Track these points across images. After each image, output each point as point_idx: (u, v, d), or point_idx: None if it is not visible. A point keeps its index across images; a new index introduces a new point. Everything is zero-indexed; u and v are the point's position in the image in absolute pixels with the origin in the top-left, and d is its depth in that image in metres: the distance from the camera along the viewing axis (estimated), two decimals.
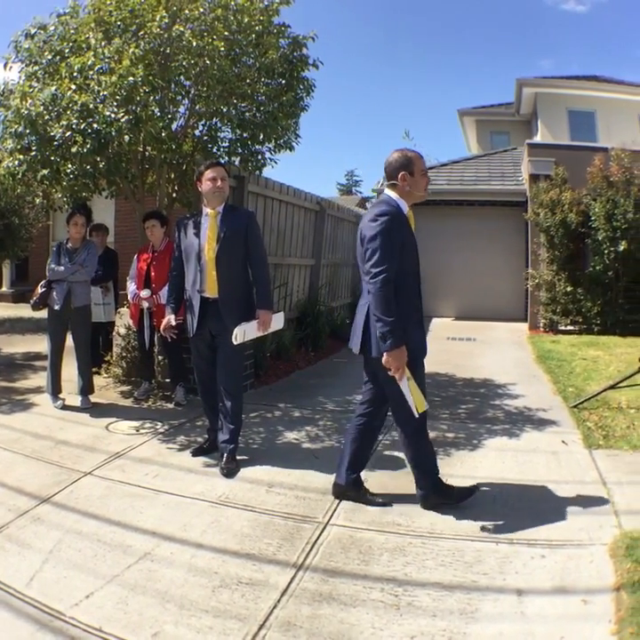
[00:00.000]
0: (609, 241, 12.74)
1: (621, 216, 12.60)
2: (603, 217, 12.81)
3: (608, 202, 12.88)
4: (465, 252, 16.45)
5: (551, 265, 13.80)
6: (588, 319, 13.35)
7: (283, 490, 4.56)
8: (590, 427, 6.16)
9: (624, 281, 13.08)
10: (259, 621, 2.97)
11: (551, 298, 13.73)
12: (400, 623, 2.99)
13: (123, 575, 3.36)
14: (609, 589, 3.21)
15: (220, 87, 6.70)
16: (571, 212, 13.24)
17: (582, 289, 13.41)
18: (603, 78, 21.42)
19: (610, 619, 2.95)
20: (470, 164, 18.74)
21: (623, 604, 3.03)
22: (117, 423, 6.21)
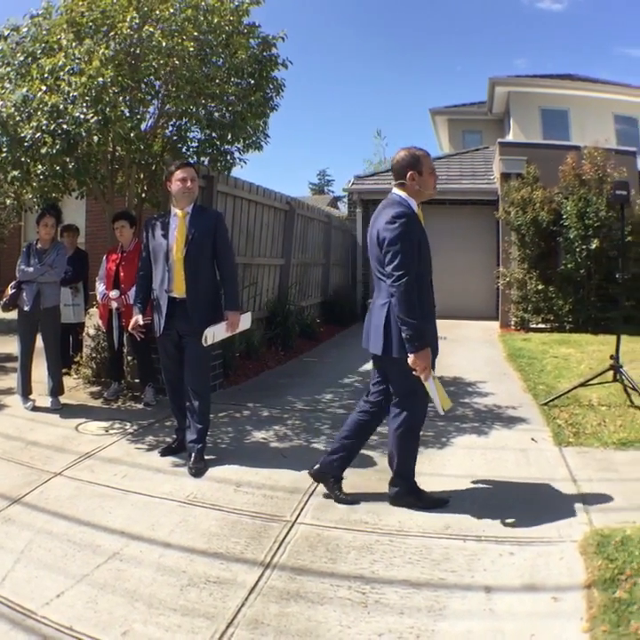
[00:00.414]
0: (581, 239, 12.88)
1: (594, 214, 12.74)
2: (575, 215, 12.95)
3: (580, 200, 13.02)
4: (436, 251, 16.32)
5: (522, 263, 13.93)
6: (560, 317, 13.49)
7: (251, 489, 4.60)
8: (560, 424, 6.22)
9: (596, 279, 13.21)
10: (227, 620, 3.00)
11: (522, 296, 13.86)
12: (368, 621, 3.02)
13: (92, 575, 3.39)
14: (580, 587, 3.25)
15: (189, 87, 6.72)
16: (542, 210, 13.37)
17: (554, 287, 13.53)
18: (577, 77, 21.59)
19: (581, 616, 2.98)
20: (442, 162, 18.80)
21: (595, 601, 3.06)
22: (87, 424, 6.21)
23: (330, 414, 6.75)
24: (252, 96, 7.38)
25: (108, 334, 7.32)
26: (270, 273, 11.33)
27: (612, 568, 3.32)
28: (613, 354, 7.12)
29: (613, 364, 7.08)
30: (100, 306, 7.28)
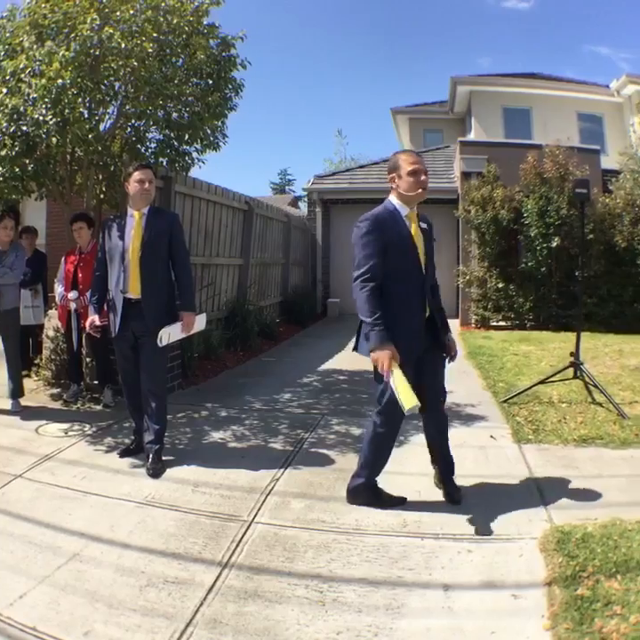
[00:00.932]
0: (542, 237, 13.08)
1: (555, 212, 12.95)
2: (535, 213, 13.14)
3: (541, 198, 13.21)
4: None
5: (482, 262, 14.11)
6: (521, 315, 13.69)
7: (208, 489, 4.65)
8: (520, 421, 6.30)
9: (557, 277, 13.42)
10: (186, 619, 3.03)
11: (482, 294, 14.03)
12: (325, 619, 3.04)
13: (53, 576, 3.42)
14: (540, 584, 3.28)
15: (147, 88, 6.72)
16: (502, 208, 13.54)
17: (514, 285, 13.72)
18: (541, 76, 21.84)
19: (542, 614, 3.01)
20: None
21: (556, 598, 3.08)
22: (47, 426, 6.20)
23: (288, 414, 6.81)
24: (210, 96, 7.41)
25: (67, 336, 7.32)
26: (229, 273, 11.35)
27: (573, 565, 3.35)
28: (574, 351, 7.23)
29: (574, 361, 7.19)
30: (59, 307, 7.27)
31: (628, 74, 19.04)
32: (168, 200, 8.56)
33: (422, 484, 4.73)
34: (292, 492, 4.64)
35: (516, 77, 21.17)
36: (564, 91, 20.26)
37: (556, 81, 21.42)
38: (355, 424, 6.38)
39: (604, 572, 3.29)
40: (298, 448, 5.66)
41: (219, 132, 7.80)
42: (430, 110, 24.69)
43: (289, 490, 4.68)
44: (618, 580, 3.21)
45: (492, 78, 21.09)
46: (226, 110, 7.74)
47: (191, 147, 7.74)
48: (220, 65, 7.50)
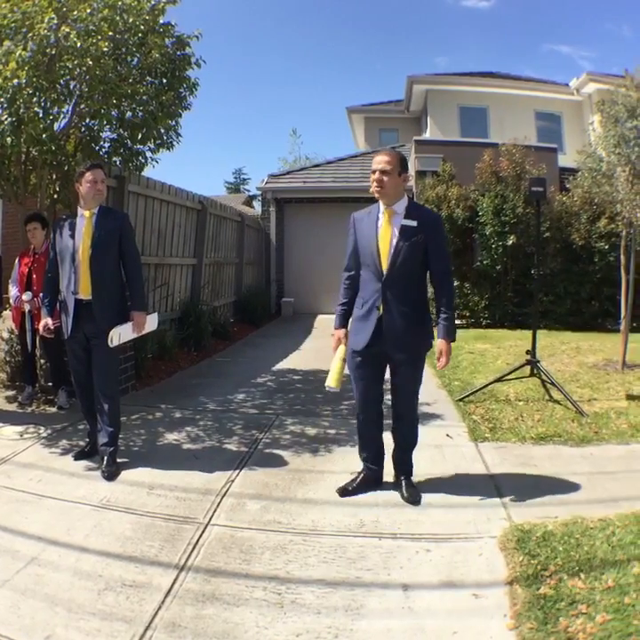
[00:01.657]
0: (497, 235, 13.26)
1: (510, 211, 13.15)
2: (491, 212, 13.31)
3: (497, 197, 13.38)
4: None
5: None
6: (476, 313, 13.83)
7: (163, 491, 4.66)
8: (476, 420, 6.38)
9: (513, 275, 13.62)
10: (144, 623, 3.04)
11: None
12: (285, 621, 3.06)
13: (13, 580, 3.41)
14: (501, 583, 3.30)
15: (102, 87, 6.68)
16: (458, 207, 13.70)
17: (469, 283, 13.88)
18: (498, 74, 22.08)
19: (505, 613, 3.04)
20: (357, 161, 18.99)
21: (518, 598, 3.11)
22: (2, 428, 6.15)
23: (242, 414, 6.84)
24: (164, 95, 7.38)
25: (20, 337, 7.27)
26: (182, 273, 11.33)
27: (534, 564, 3.40)
28: (530, 349, 7.37)
29: (530, 358, 7.31)
30: (13, 309, 7.22)
31: (589, 72, 19.28)
32: (121, 200, 8.53)
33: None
34: (248, 494, 4.66)
35: (474, 76, 21.40)
36: (521, 89, 20.50)
37: (514, 80, 21.65)
38: (310, 424, 6.43)
39: (566, 570, 3.33)
40: (252, 449, 5.68)
41: (173, 132, 7.77)
42: (386, 109, 24.83)
43: (244, 491, 4.71)
44: (582, 578, 3.24)
45: (448, 77, 21.29)
46: (180, 109, 7.72)
47: (145, 146, 7.71)
48: (175, 64, 7.47)
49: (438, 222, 4.58)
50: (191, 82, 7.71)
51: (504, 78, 21.73)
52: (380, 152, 4.59)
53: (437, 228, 4.53)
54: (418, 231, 4.37)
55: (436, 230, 4.48)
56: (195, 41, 7.60)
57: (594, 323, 13.43)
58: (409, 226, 4.38)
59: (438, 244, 4.46)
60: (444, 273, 4.55)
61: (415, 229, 4.37)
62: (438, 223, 4.58)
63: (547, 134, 19.60)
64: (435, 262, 4.46)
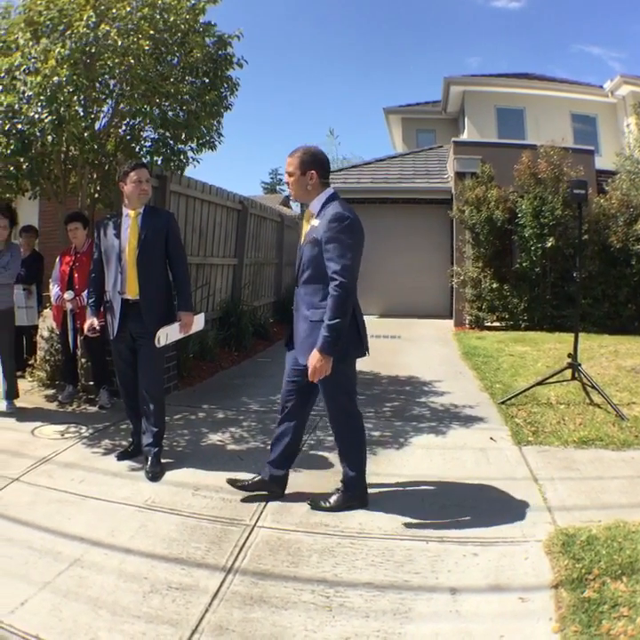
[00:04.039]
0: (536, 237, 13.07)
1: (549, 213, 12.95)
2: (530, 214, 13.13)
3: (536, 199, 13.20)
4: (390, 250, 16.62)
5: (477, 262, 14.08)
6: (515, 315, 13.66)
7: (209, 492, 4.60)
8: (519, 423, 6.28)
9: (552, 277, 13.43)
10: (191, 626, 2.99)
11: (477, 294, 14.01)
12: (333, 625, 3.02)
13: (55, 582, 3.36)
14: (547, 587, 3.27)
15: (143, 86, 6.67)
16: (497, 209, 13.54)
17: (509, 285, 13.70)
18: (534, 76, 21.83)
19: (550, 616, 3.00)
20: (395, 162, 18.96)
21: (563, 601, 3.08)
22: (43, 428, 6.13)
23: None
24: (207, 95, 7.36)
25: (62, 336, 7.25)
26: (223, 273, 11.29)
27: (579, 568, 3.35)
28: (571, 352, 7.20)
29: (571, 362, 7.15)
30: (55, 308, 7.21)
31: (623, 74, 19.05)
32: (163, 199, 8.51)
33: (426, 487, 4.73)
34: (294, 496, 4.58)
35: (510, 77, 21.17)
36: (557, 91, 20.27)
37: (550, 81, 21.44)
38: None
39: (609, 574, 3.28)
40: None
41: (214, 132, 7.76)
42: (423, 110, 24.68)
43: (291, 493, 4.62)
44: (624, 581, 3.21)
45: (485, 78, 21.08)
46: (221, 109, 7.70)
47: (186, 146, 7.68)
48: (217, 63, 7.46)
49: (331, 221, 4.08)
50: (232, 82, 7.70)
51: (539, 79, 21.52)
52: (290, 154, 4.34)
53: (327, 226, 4.06)
54: (318, 231, 4.13)
55: (324, 229, 4.08)
56: (235, 41, 7.56)
57: (631, 326, 13.20)
58: (313, 226, 4.21)
59: (330, 243, 4.04)
60: (333, 272, 4.01)
61: (317, 229, 4.14)
62: (331, 222, 4.05)
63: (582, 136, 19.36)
64: (329, 262, 4.05)
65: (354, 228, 4.08)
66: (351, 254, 4.00)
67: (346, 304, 3.98)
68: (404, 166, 18.28)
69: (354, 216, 4.11)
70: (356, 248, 4.07)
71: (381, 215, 16.73)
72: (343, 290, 3.95)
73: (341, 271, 3.96)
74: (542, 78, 21.74)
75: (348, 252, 3.99)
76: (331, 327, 3.95)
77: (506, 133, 19.51)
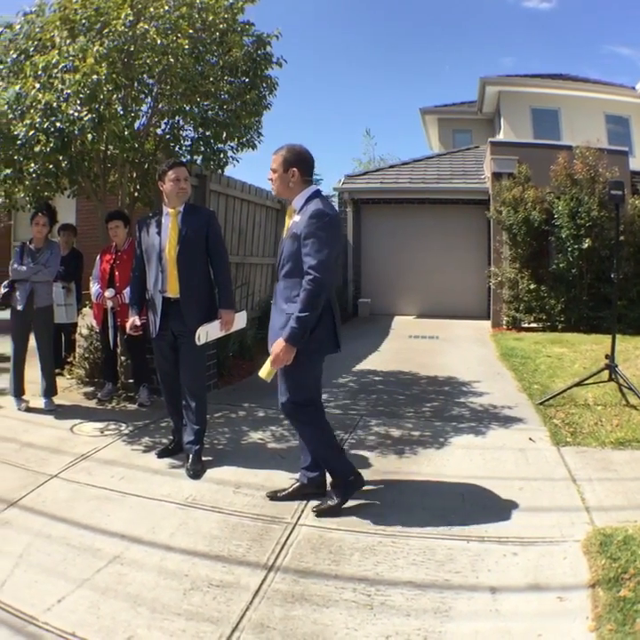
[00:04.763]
0: (572, 238, 12.89)
1: (585, 214, 12.76)
2: (566, 215, 12.97)
3: (572, 200, 13.03)
4: (427, 250, 16.63)
5: (514, 263, 13.94)
6: (552, 316, 13.48)
7: (250, 490, 4.56)
8: (557, 424, 6.22)
9: (588, 278, 13.22)
10: (232, 624, 2.97)
11: (514, 295, 13.86)
12: (374, 623, 2.99)
13: (93, 579, 3.34)
14: (584, 586, 3.25)
15: (183, 85, 6.69)
16: (534, 209, 13.37)
17: (546, 286, 13.54)
18: (568, 76, 21.61)
19: (587, 615, 2.98)
20: (432, 162, 18.90)
21: (600, 600, 3.06)
22: (82, 425, 6.15)
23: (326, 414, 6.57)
24: (247, 94, 7.37)
25: (102, 334, 7.27)
26: (262, 272, 11.29)
27: (615, 567, 3.32)
28: (608, 353, 7.11)
29: (609, 363, 7.05)
30: (95, 305, 7.23)
31: None
32: (203, 198, 8.53)
33: (466, 487, 4.69)
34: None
35: (544, 78, 20.96)
36: (591, 92, 19.99)
37: (583, 82, 21.20)
38: (393, 425, 6.30)
39: None
40: None
41: (254, 131, 7.75)
42: (459, 110, 24.50)
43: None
44: None
45: (520, 79, 20.88)
46: (261, 108, 7.71)
47: (226, 145, 7.68)
48: (256, 63, 7.46)
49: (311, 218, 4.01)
50: (271, 81, 7.69)
51: (573, 80, 21.29)
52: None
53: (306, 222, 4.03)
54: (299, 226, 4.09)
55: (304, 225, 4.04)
56: (274, 40, 7.56)
57: None
58: (295, 221, 4.17)
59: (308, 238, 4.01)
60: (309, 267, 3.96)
61: (298, 225, 4.11)
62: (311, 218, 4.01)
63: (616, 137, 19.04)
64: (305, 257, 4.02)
65: (332, 225, 4.10)
66: (327, 250, 3.99)
67: (317, 299, 3.95)
68: (441, 166, 18.21)
69: (333, 213, 4.15)
70: (332, 245, 4.06)
71: (419, 215, 16.71)
72: (316, 284, 3.92)
73: (317, 266, 3.94)
74: (576, 79, 21.54)
75: (324, 248, 3.98)
76: (299, 319, 3.93)
77: (541, 134, 19.32)
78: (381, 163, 31.82)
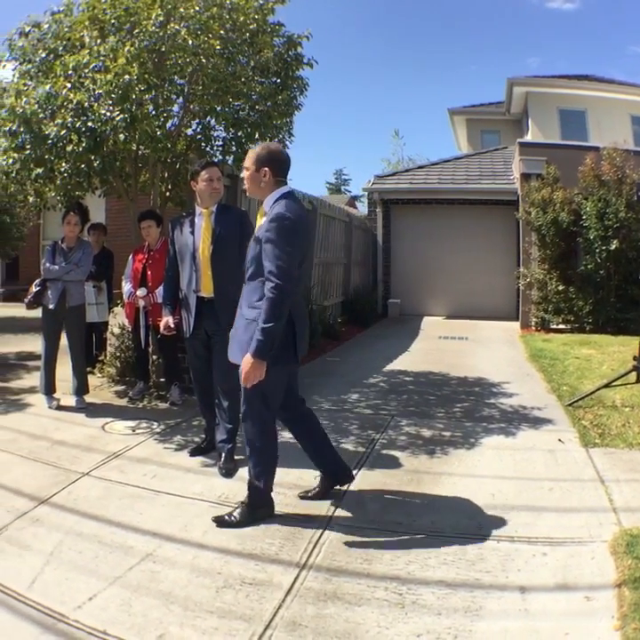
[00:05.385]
0: (600, 240, 12.77)
1: (613, 215, 12.65)
2: (594, 216, 12.85)
3: (600, 201, 12.92)
4: (456, 251, 16.59)
5: (543, 264, 13.85)
6: (580, 318, 13.38)
7: (282, 489, 4.51)
8: (586, 425, 6.19)
9: (616, 279, 13.11)
10: (264, 621, 2.97)
11: (543, 297, 13.76)
12: (405, 621, 2.99)
13: (125, 576, 3.34)
14: (611, 586, 3.24)
15: (215, 86, 6.69)
16: (562, 210, 13.26)
17: (574, 288, 13.42)
18: (594, 77, 21.47)
19: (612, 614, 2.98)
20: (461, 162, 18.85)
21: (625, 600, 3.05)
22: (113, 423, 6.18)
23: (357, 414, 6.70)
24: (279, 95, 7.38)
25: (134, 333, 7.31)
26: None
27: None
28: (636, 355, 7.10)
29: (637, 364, 7.04)
30: (127, 304, 7.26)
31: None
32: (234, 199, 8.53)
33: (496, 487, 4.68)
34: (368, 494, 4.56)
35: (571, 79, 20.82)
36: (617, 93, 19.80)
37: (609, 83, 21.00)
38: (424, 425, 6.29)
39: None
40: (370, 449, 5.56)
41: (285, 131, 7.75)
42: (487, 111, 24.39)
43: (364, 491, 4.60)
44: None
45: (547, 80, 20.75)
46: (293, 109, 7.74)
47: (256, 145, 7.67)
48: (287, 63, 7.47)
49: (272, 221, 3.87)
50: (302, 82, 7.72)
51: (599, 81, 21.13)
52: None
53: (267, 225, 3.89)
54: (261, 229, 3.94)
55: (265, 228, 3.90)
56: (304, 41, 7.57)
57: None
58: (261, 224, 4.00)
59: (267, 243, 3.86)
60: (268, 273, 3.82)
61: (261, 227, 3.96)
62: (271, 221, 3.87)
63: None
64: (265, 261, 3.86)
65: (294, 230, 3.88)
66: (287, 256, 3.81)
67: (281, 307, 3.77)
68: (470, 167, 18.18)
69: (295, 217, 3.91)
70: (293, 250, 3.86)
71: (448, 216, 16.70)
72: (278, 292, 3.75)
73: (277, 272, 3.78)
74: (602, 80, 21.37)
75: (283, 253, 3.81)
76: (264, 331, 3.74)
77: (568, 135, 19.21)
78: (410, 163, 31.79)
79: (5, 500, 4.33)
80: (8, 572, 3.38)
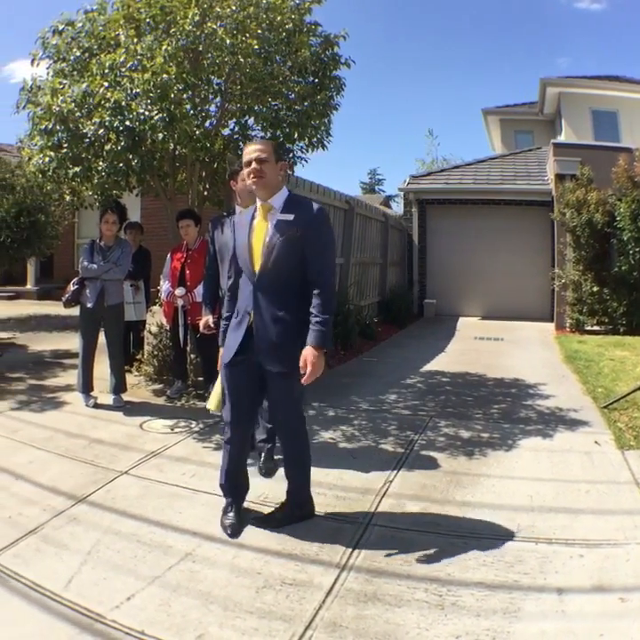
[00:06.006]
0: (634, 241, 12.64)
1: None
2: (628, 217, 12.70)
3: (633, 202, 12.76)
4: (491, 251, 16.52)
5: (577, 265, 13.71)
6: (614, 319, 13.29)
7: (322, 489, 4.49)
8: (621, 427, 6.16)
9: None
10: (304, 622, 2.96)
11: (577, 298, 13.63)
12: (445, 623, 2.99)
13: (164, 576, 3.32)
14: None
15: (253, 85, 6.70)
16: (596, 212, 13.12)
17: (608, 289, 13.29)
18: (624, 78, 21.22)
19: None
20: (496, 163, 18.73)
21: None
22: (151, 422, 6.18)
23: (395, 415, 6.64)
24: (317, 95, 7.35)
25: (172, 332, 7.32)
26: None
27: None
28: None
29: None
30: (165, 304, 7.26)
31: None
32: None
33: (534, 489, 4.64)
34: (407, 495, 4.51)
35: (602, 80, 20.58)
36: None
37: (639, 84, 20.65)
38: (462, 426, 6.25)
39: None
40: (409, 450, 5.51)
41: (323, 131, 7.71)
42: (520, 111, 24.26)
43: (403, 492, 4.57)
44: None
45: (579, 80, 20.53)
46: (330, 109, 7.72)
47: (294, 145, 7.66)
48: (324, 63, 7.45)
49: (318, 216, 3.79)
50: (340, 82, 7.70)
51: (629, 82, 20.82)
52: (251, 143, 3.97)
53: (314, 222, 3.78)
54: (294, 225, 3.75)
55: (311, 224, 3.76)
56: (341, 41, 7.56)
57: None
58: (284, 220, 3.77)
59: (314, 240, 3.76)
60: (319, 273, 3.74)
61: (291, 223, 3.75)
62: (317, 216, 3.79)
63: None
64: (310, 261, 3.76)
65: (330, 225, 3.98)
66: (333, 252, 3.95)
67: (334, 299, 3.85)
68: (504, 167, 18.07)
69: None
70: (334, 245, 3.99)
71: (483, 216, 16.63)
72: (332, 284, 3.84)
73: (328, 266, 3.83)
74: (632, 81, 21.04)
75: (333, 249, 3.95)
76: (327, 321, 3.69)
77: (601, 136, 19.03)
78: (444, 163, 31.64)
79: (42, 499, 4.32)
80: (44, 572, 3.37)
